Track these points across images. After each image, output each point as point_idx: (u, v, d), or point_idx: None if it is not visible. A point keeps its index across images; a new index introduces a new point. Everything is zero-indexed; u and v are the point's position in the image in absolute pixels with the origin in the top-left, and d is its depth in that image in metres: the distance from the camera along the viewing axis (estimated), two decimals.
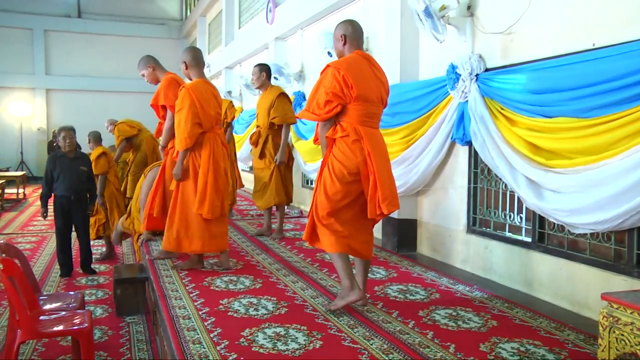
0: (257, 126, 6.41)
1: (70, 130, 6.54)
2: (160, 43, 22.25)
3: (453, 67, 4.77)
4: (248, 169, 13.06)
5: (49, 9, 20.79)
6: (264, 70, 6.38)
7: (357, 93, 3.59)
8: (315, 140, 3.87)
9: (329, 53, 6.76)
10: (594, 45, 3.66)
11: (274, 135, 6.22)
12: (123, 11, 21.74)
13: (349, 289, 3.69)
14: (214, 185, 4.68)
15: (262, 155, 6.26)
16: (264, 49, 11.06)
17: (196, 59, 4.86)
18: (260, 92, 6.50)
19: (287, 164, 6.38)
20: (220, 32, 15.76)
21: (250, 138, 6.52)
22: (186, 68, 4.88)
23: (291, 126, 8.43)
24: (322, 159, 3.77)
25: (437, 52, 5.35)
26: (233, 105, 7.90)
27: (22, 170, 17.72)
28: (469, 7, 4.83)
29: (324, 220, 3.67)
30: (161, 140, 5.21)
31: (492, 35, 4.60)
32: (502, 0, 4.51)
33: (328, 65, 3.69)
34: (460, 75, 4.69)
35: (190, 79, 4.88)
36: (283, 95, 6.22)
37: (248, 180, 13.08)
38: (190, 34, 22.00)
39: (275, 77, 9.15)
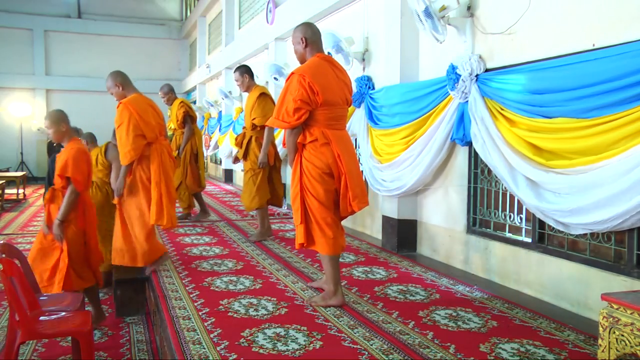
0: (243, 127, 6.40)
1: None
2: (160, 43, 22.29)
3: (453, 68, 4.77)
4: None
5: (49, 9, 20.79)
6: (245, 72, 6.28)
7: (323, 99, 3.69)
8: (284, 144, 3.96)
9: (329, 54, 6.75)
10: (594, 45, 3.66)
11: (257, 136, 6.15)
12: (123, 11, 21.75)
13: (333, 293, 3.89)
14: (167, 196, 4.80)
15: (246, 157, 6.21)
16: (264, 49, 11.07)
17: (127, 80, 5.00)
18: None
19: (273, 165, 6.27)
20: (221, 32, 15.76)
21: (235, 139, 6.46)
22: (122, 89, 4.95)
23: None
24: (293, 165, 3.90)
25: (437, 52, 5.35)
26: (185, 105, 7.65)
27: (22, 171, 17.71)
28: (469, 8, 4.83)
29: (318, 221, 3.78)
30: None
31: (492, 35, 4.60)
32: (502, 0, 4.51)
33: (293, 73, 3.77)
34: (460, 75, 4.69)
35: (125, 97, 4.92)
36: (264, 95, 6.13)
37: None
38: (190, 35, 22.00)
39: (275, 78, 9.17)
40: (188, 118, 7.55)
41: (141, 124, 4.74)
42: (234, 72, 6.43)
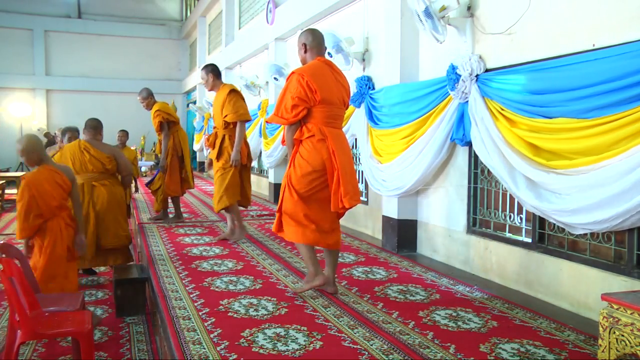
0: (214, 127, 6.24)
1: (75, 131, 6.58)
2: (160, 43, 22.31)
3: (453, 68, 4.77)
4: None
5: (49, 9, 20.81)
6: (210, 71, 6.16)
7: (321, 97, 3.92)
8: (283, 142, 4.17)
9: (329, 54, 6.76)
10: (594, 45, 3.66)
11: (231, 135, 6.03)
12: (123, 12, 21.76)
13: (313, 274, 4.13)
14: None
15: (219, 156, 6.07)
16: (264, 49, 11.07)
17: (38, 149, 4.44)
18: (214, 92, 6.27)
19: (244, 165, 6.18)
20: (221, 32, 15.77)
21: (207, 140, 6.28)
22: (33, 163, 4.45)
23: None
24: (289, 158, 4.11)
25: (437, 52, 5.35)
26: (161, 113, 7.17)
27: (22, 171, 17.70)
28: (469, 8, 4.83)
29: (290, 213, 4.01)
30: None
31: (492, 35, 4.60)
32: (502, 0, 4.51)
33: (293, 72, 4.01)
34: (460, 75, 4.69)
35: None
36: (234, 92, 6.03)
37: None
38: (190, 35, 22.01)
39: (275, 78, 9.17)
40: (165, 125, 7.20)
41: (41, 205, 4.34)
42: (201, 70, 6.32)
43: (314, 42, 4.13)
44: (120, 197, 5.68)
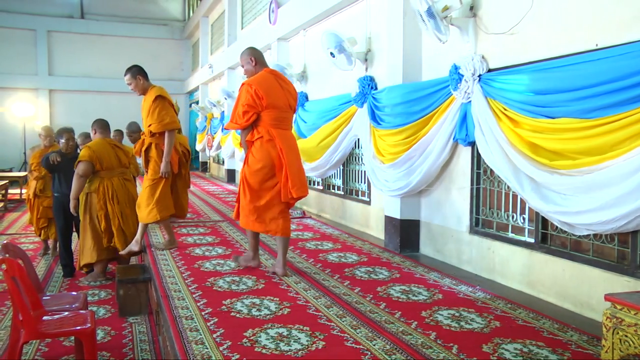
0: (142, 133, 5.86)
1: (71, 132, 6.60)
2: (162, 44, 22.33)
3: (456, 68, 4.77)
4: None
5: (52, 10, 20.85)
6: (138, 73, 5.68)
7: (267, 102, 4.51)
8: (240, 144, 4.81)
9: (331, 54, 6.76)
10: (597, 45, 3.65)
11: (157, 143, 5.60)
12: (125, 12, 21.79)
13: (251, 258, 4.89)
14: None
15: (146, 165, 5.71)
16: (266, 49, 11.07)
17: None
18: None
19: (178, 173, 5.91)
20: (223, 32, 15.78)
21: (134, 147, 5.97)
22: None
23: (294, 130, 8.31)
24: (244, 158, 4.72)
25: (440, 52, 5.34)
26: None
27: (25, 171, 17.74)
28: (471, 8, 4.82)
29: (244, 204, 4.63)
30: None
31: (494, 35, 4.59)
32: (505, 0, 4.50)
33: (243, 84, 4.64)
34: (462, 75, 4.68)
35: None
36: (159, 98, 5.56)
37: None
38: (192, 35, 22.03)
39: None
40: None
41: None
42: (125, 75, 5.74)
43: (259, 57, 4.80)
44: (135, 192, 6.37)
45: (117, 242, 6.07)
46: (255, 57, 4.75)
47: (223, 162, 15.73)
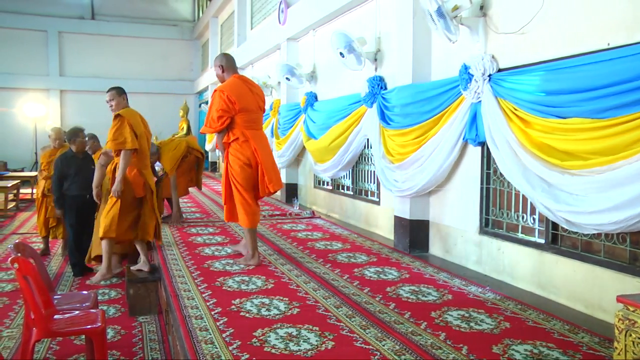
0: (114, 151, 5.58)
1: (82, 132, 6.68)
2: (172, 44, 22.41)
3: (466, 68, 4.75)
4: None
5: (63, 11, 20.99)
6: (117, 92, 5.57)
7: (239, 106, 4.93)
8: (217, 146, 5.22)
9: (341, 54, 6.76)
10: (608, 45, 3.62)
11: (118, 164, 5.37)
12: (136, 13, 21.89)
13: (252, 256, 5.10)
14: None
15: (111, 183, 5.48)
16: (276, 49, 11.09)
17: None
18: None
19: (143, 198, 5.49)
20: (233, 33, 15.81)
21: (105, 165, 5.81)
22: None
23: (304, 131, 8.33)
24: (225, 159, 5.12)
25: (450, 52, 5.32)
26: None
27: (36, 171, 17.89)
28: (481, 7, 4.80)
29: (241, 203, 4.97)
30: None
31: (505, 35, 4.57)
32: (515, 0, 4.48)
33: (215, 90, 5.01)
34: (472, 75, 4.66)
35: None
36: (119, 117, 5.36)
37: None
38: (202, 35, 22.09)
39: (287, 78, 9.18)
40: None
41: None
42: (108, 91, 5.61)
43: (228, 63, 5.16)
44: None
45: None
46: (224, 64, 5.15)
47: None
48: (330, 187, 8.81)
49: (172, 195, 7.60)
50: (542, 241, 4.36)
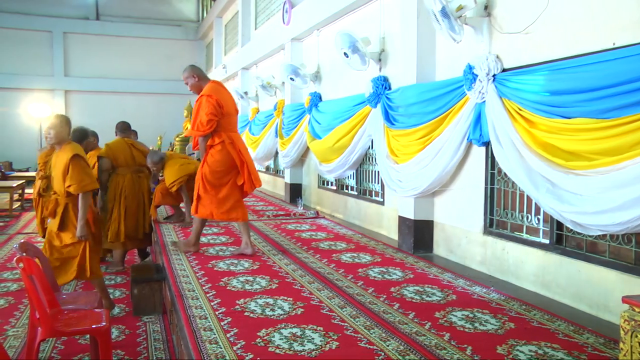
0: (54, 192, 4.98)
1: (89, 133, 6.78)
2: (176, 44, 22.46)
3: (470, 68, 4.74)
4: (264, 170, 13.12)
5: (68, 11, 21.07)
6: (68, 123, 4.95)
7: (225, 110, 5.27)
8: (195, 147, 5.61)
9: (345, 54, 6.76)
10: (614, 44, 3.61)
11: (74, 205, 4.87)
12: (140, 13, 21.96)
13: (192, 243, 5.58)
14: None
15: (63, 228, 4.88)
16: (280, 49, 11.09)
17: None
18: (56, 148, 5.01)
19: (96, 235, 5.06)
20: (237, 33, 15.83)
21: (46, 208, 5.52)
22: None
23: (308, 131, 8.32)
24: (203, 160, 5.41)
25: (454, 52, 5.32)
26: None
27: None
28: (486, 7, 4.79)
29: (203, 198, 5.34)
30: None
31: (509, 35, 4.56)
32: None
33: (201, 96, 5.27)
34: (477, 75, 4.66)
35: None
36: (78, 157, 4.83)
37: (263, 181, 13.13)
38: (206, 35, 22.13)
39: (291, 78, 9.18)
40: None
41: None
42: (55, 118, 4.91)
43: (200, 72, 5.53)
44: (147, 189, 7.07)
45: (110, 231, 6.69)
46: (197, 74, 5.48)
47: None
48: (334, 188, 8.81)
49: (183, 197, 7.37)
50: (547, 241, 4.35)
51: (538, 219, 4.48)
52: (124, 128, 7.25)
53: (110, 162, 6.79)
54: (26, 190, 13.07)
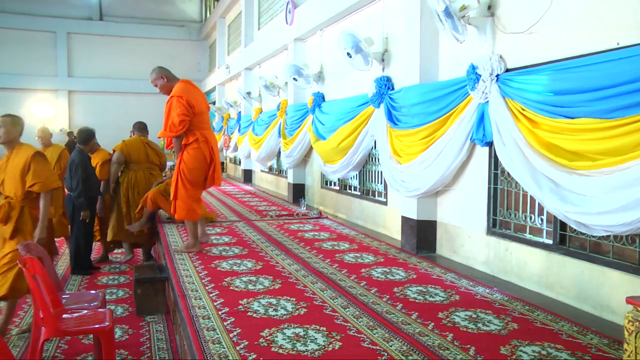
0: (6, 197, 4.63)
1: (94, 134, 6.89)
2: (179, 45, 22.52)
3: (473, 68, 4.74)
4: (267, 170, 13.12)
5: (72, 12, 21.14)
6: (20, 124, 4.72)
7: (197, 109, 5.37)
8: (169, 146, 5.58)
9: (348, 54, 6.75)
10: (618, 44, 3.60)
11: (31, 207, 4.62)
12: (143, 13, 22.03)
13: (193, 245, 5.65)
14: None
15: (15, 234, 4.55)
16: (283, 50, 11.10)
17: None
18: (5, 149, 4.69)
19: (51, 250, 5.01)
20: (240, 33, 15.84)
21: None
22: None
23: (312, 132, 8.32)
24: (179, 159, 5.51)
25: (457, 52, 5.31)
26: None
27: None
28: (489, 7, 4.79)
29: (184, 198, 5.41)
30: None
31: (513, 35, 4.55)
32: None
33: (172, 96, 5.35)
34: (480, 75, 4.65)
35: None
36: (39, 154, 4.66)
37: (266, 181, 13.13)
38: (209, 36, 22.16)
39: (294, 78, 9.18)
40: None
41: None
42: (4, 117, 4.63)
43: (168, 72, 5.56)
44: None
45: (116, 222, 7.01)
46: (165, 74, 5.52)
47: (240, 162, 15.79)
48: (337, 188, 8.81)
49: None
50: (550, 242, 4.34)
51: (541, 220, 4.47)
52: (141, 127, 7.60)
53: (123, 157, 7.09)
54: None
